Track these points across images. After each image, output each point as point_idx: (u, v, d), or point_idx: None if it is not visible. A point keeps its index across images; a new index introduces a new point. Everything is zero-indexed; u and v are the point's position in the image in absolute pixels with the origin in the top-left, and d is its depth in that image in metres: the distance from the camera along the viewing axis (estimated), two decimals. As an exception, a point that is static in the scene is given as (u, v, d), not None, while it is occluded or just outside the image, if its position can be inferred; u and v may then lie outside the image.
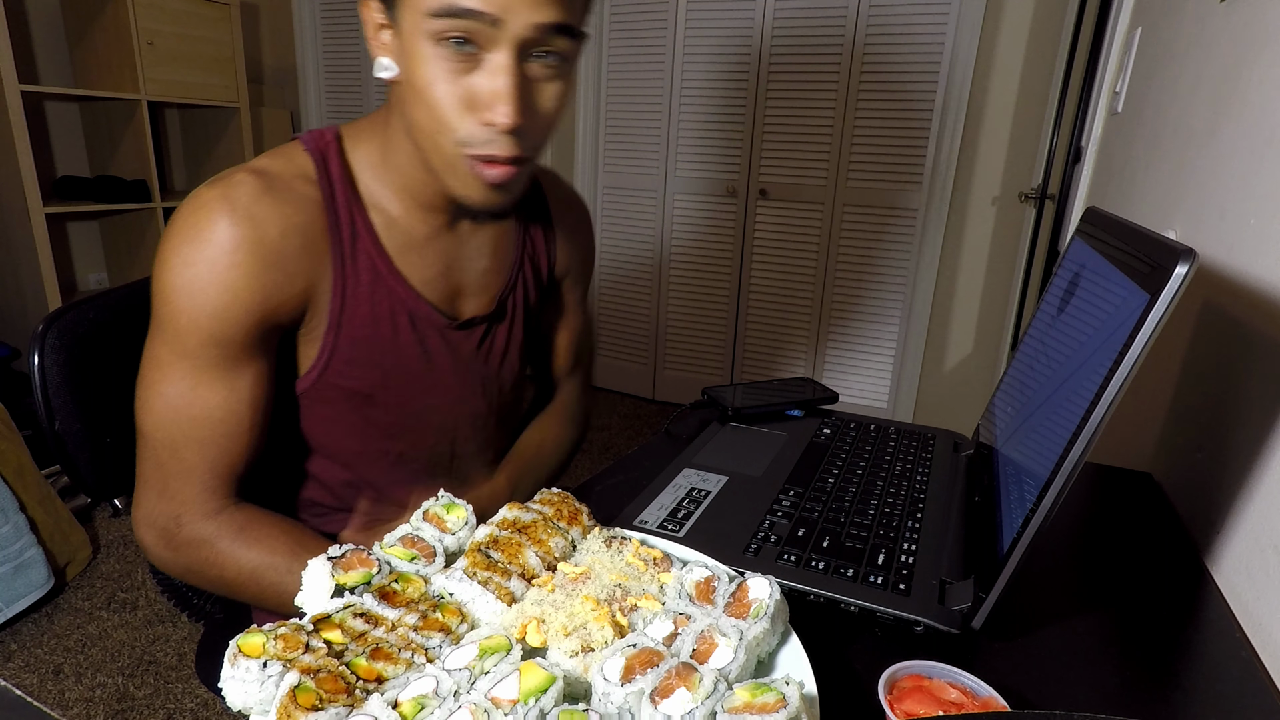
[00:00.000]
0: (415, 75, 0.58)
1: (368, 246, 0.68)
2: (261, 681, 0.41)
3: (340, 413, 0.72)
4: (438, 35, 0.55)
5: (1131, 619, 0.60)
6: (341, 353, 0.68)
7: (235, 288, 0.60)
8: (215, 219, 0.60)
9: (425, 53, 0.57)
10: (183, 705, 1.46)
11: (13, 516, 1.63)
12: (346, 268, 0.67)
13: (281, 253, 0.62)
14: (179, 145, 3.20)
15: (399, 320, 0.70)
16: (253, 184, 0.61)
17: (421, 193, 0.69)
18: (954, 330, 2.70)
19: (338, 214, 0.66)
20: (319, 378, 0.69)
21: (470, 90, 0.58)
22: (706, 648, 0.44)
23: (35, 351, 0.72)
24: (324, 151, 0.67)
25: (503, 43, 0.56)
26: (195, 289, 0.60)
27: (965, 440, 0.89)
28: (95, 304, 0.78)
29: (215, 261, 0.59)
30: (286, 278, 0.63)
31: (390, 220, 0.69)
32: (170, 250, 0.60)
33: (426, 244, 0.71)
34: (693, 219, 2.93)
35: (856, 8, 2.48)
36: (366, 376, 0.70)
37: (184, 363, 0.61)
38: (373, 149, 0.68)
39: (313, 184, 0.65)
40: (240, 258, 0.60)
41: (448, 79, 0.57)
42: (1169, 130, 1.05)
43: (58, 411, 0.73)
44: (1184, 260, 0.43)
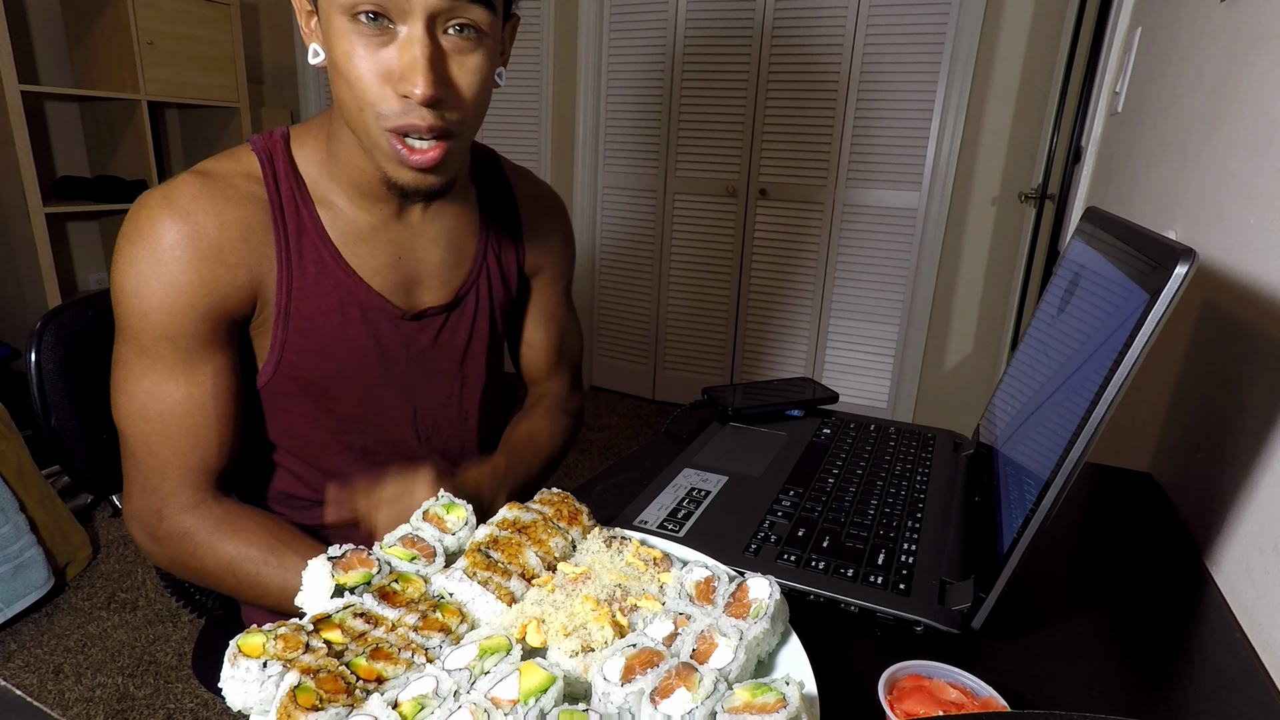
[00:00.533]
0: (335, 53, 0.59)
1: (313, 239, 0.69)
2: (261, 681, 0.41)
3: (300, 406, 0.74)
4: (350, 10, 0.57)
5: (1131, 619, 0.60)
6: (292, 344, 0.70)
7: (177, 281, 0.63)
8: (156, 219, 0.63)
9: (341, 29, 0.58)
10: (183, 705, 1.46)
11: (13, 516, 1.63)
12: (292, 260, 0.69)
13: (219, 246, 0.64)
14: (179, 145, 3.20)
15: (349, 312, 0.71)
16: (194, 184, 0.64)
17: (365, 183, 0.70)
18: (954, 330, 2.70)
19: (283, 208, 0.68)
20: (275, 371, 0.71)
21: (385, 63, 0.58)
22: (706, 648, 0.44)
23: (32, 348, 0.73)
24: (270, 150, 0.69)
25: (413, 14, 0.57)
26: (141, 286, 0.62)
27: (965, 440, 0.89)
28: (94, 303, 0.79)
29: (157, 258, 0.62)
30: (228, 270, 0.65)
31: (337, 213, 0.71)
32: (119, 253, 0.63)
33: (374, 235, 0.72)
34: (693, 219, 2.93)
35: (856, 8, 2.48)
36: (319, 368, 0.72)
37: (143, 360, 0.64)
38: (318, 145, 0.70)
39: (257, 181, 0.68)
40: (179, 253, 0.62)
41: (364, 53, 0.58)
42: (1169, 130, 1.05)
43: (54, 407, 0.74)
44: (1184, 260, 0.43)
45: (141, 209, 0.63)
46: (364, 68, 0.58)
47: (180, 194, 0.63)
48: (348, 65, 0.59)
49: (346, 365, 0.73)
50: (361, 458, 0.78)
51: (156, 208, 0.63)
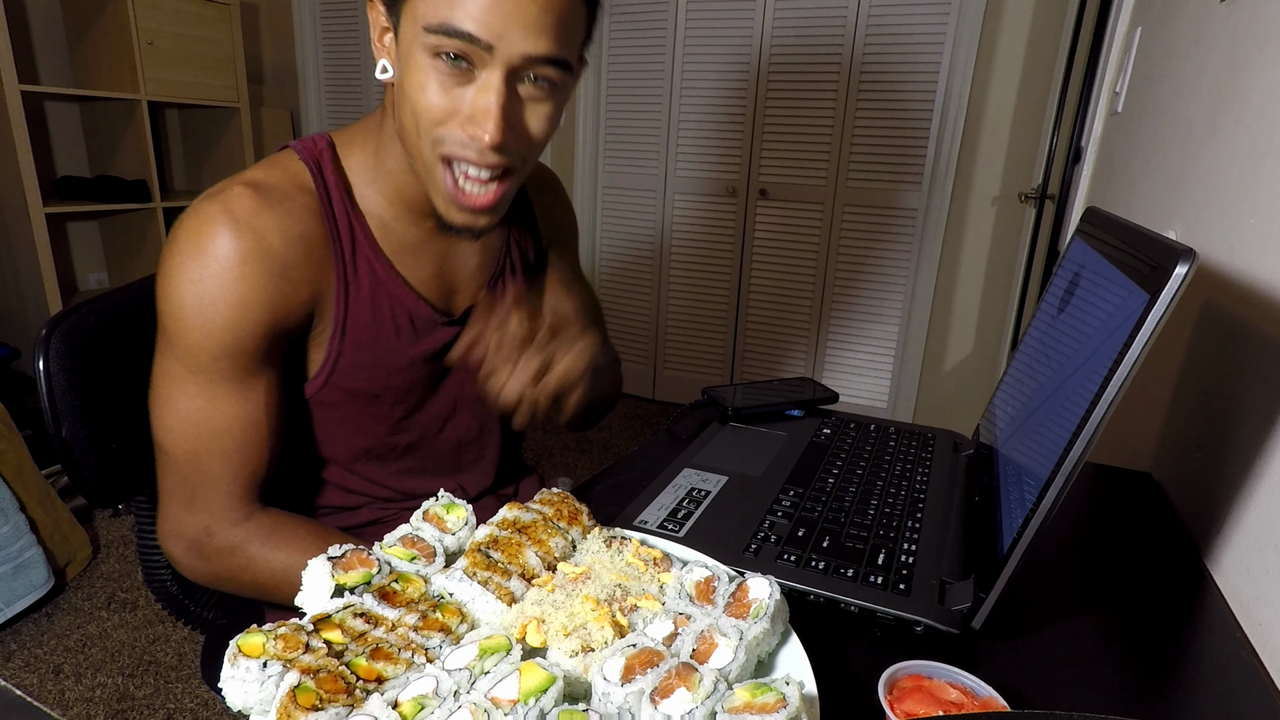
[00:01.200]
0: (408, 81, 0.60)
1: (366, 251, 0.69)
2: (261, 681, 0.41)
3: (348, 414, 0.73)
4: (433, 50, 0.57)
5: (1131, 619, 0.60)
6: (347, 356, 0.69)
7: (245, 300, 0.61)
8: (218, 233, 0.60)
9: (421, 62, 0.58)
10: (183, 705, 1.46)
11: (13, 516, 1.63)
12: (348, 273, 0.68)
13: (286, 262, 0.63)
14: (179, 145, 3.20)
15: (400, 322, 0.71)
16: (251, 196, 0.62)
17: (413, 198, 0.70)
18: (954, 330, 2.70)
19: (336, 221, 0.67)
20: (326, 381, 0.70)
21: (459, 102, 0.59)
22: (706, 648, 0.44)
23: (40, 357, 0.71)
24: (318, 159, 0.68)
25: (494, 65, 0.57)
26: (205, 304, 0.60)
27: (965, 440, 0.89)
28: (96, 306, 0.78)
29: (222, 275, 0.60)
30: (293, 286, 0.64)
31: (384, 225, 0.71)
32: (175, 266, 0.61)
33: (420, 248, 0.73)
34: (693, 219, 2.93)
35: (857, 8, 2.48)
36: (372, 377, 0.71)
37: (198, 377, 0.62)
38: (366, 155, 0.70)
39: (309, 193, 0.66)
40: (247, 270, 0.61)
41: (439, 89, 0.59)
42: (1169, 130, 1.05)
43: (64, 417, 0.73)
44: (1184, 260, 0.43)
45: (202, 222, 0.61)
46: (436, 101, 0.59)
47: (241, 207, 0.61)
48: (419, 96, 0.59)
49: (396, 373, 0.73)
50: (403, 456, 0.79)
51: (218, 222, 0.60)
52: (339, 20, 3.26)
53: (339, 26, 3.27)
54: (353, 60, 3.28)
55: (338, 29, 3.27)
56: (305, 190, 0.66)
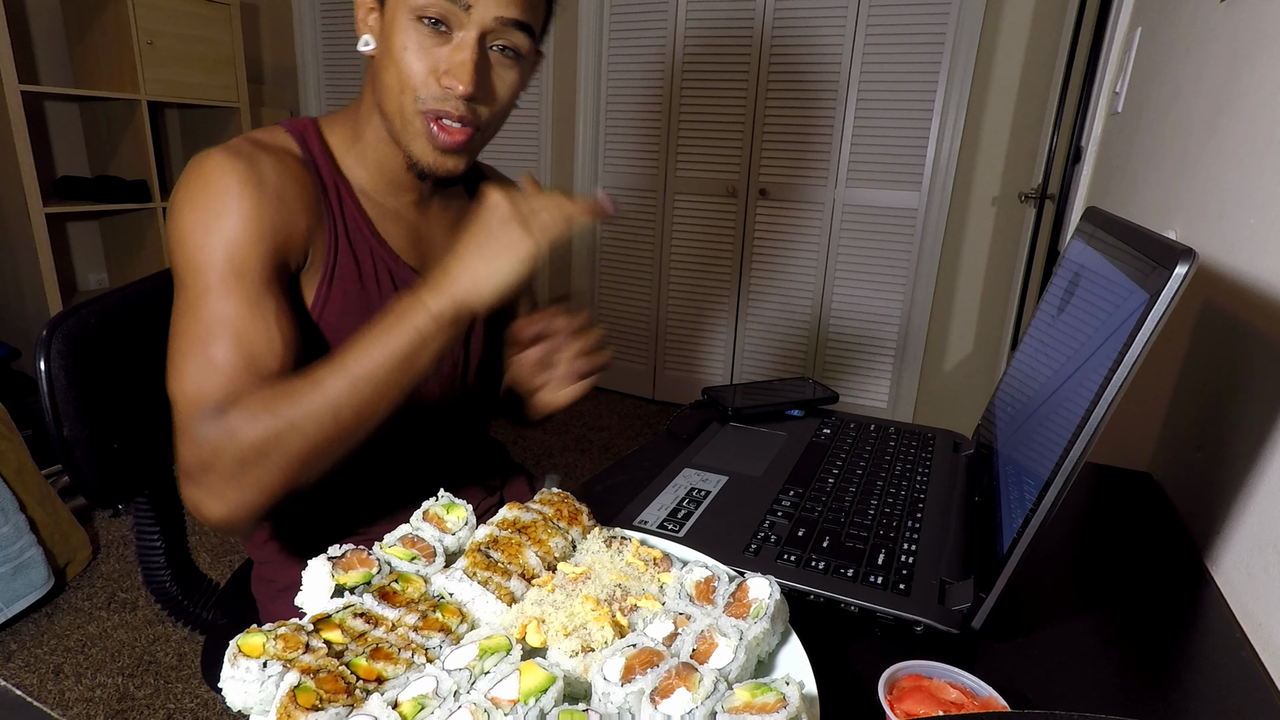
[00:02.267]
0: (393, 44, 0.68)
1: (352, 209, 0.75)
2: (261, 681, 0.41)
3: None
4: (417, 11, 0.66)
5: (1131, 619, 0.60)
6: (334, 303, 0.73)
7: (247, 217, 0.65)
8: (218, 164, 0.66)
9: (404, 25, 0.67)
10: (183, 705, 1.46)
11: (13, 516, 1.63)
12: (337, 224, 0.73)
13: (282, 193, 0.68)
14: (179, 145, 3.20)
15: (381, 279, 0.76)
16: (248, 143, 0.69)
17: (390, 170, 0.76)
18: (954, 330, 2.70)
19: (323, 180, 0.73)
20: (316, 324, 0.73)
21: (436, 60, 0.68)
22: (706, 648, 0.44)
23: (41, 358, 0.71)
24: (303, 133, 0.74)
25: (470, 26, 0.67)
26: (210, 225, 0.64)
27: (965, 440, 0.89)
28: (96, 307, 0.78)
29: (224, 195, 0.65)
30: (290, 214, 0.68)
31: (365, 194, 0.77)
32: (181, 202, 0.65)
33: (398, 217, 0.79)
34: (693, 219, 2.93)
35: (857, 8, 2.48)
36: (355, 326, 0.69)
37: (210, 295, 0.64)
38: (346, 131, 0.76)
39: (297, 157, 0.72)
40: (248, 192, 0.65)
41: (420, 49, 0.67)
42: (1169, 130, 1.05)
43: (65, 418, 0.73)
44: (1184, 260, 0.43)
45: (203, 162, 0.66)
46: (417, 60, 0.67)
47: (239, 149, 0.67)
48: (403, 55, 0.67)
49: None
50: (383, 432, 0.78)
51: (218, 158, 0.66)
52: (339, 20, 3.26)
53: (339, 26, 3.27)
54: (353, 60, 3.28)
55: (338, 29, 3.27)
56: (292, 153, 0.72)
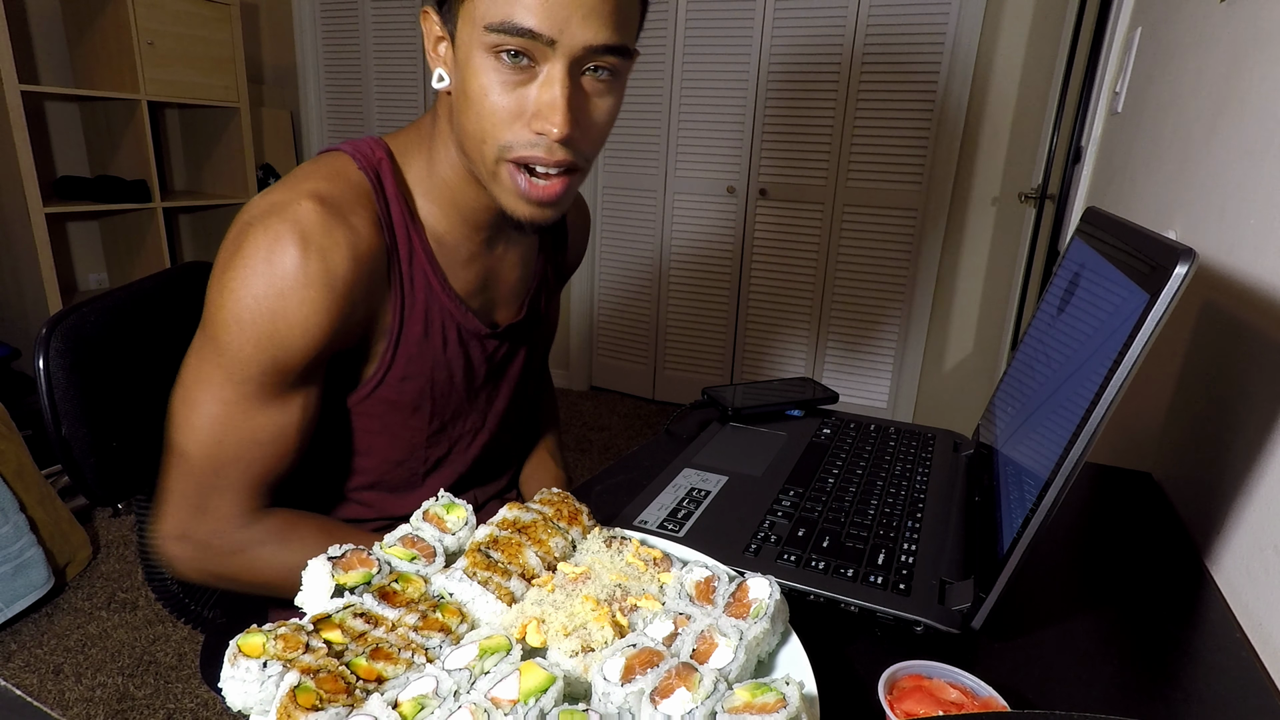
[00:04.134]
0: (469, 85, 0.59)
1: (423, 263, 0.69)
2: (261, 681, 0.41)
3: (387, 424, 0.73)
4: (493, 47, 0.57)
5: (1131, 619, 0.60)
6: (397, 369, 0.70)
7: (306, 323, 0.60)
8: (287, 251, 0.59)
9: (480, 64, 0.58)
10: (183, 705, 1.46)
11: (13, 516, 1.63)
12: (404, 285, 0.68)
13: (350, 285, 0.62)
14: (179, 145, 3.20)
15: (449, 334, 0.72)
16: (320, 214, 0.61)
17: (468, 208, 0.69)
18: (954, 330, 2.70)
19: (394, 233, 0.66)
20: (371, 393, 0.70)
21: (523, 101, 0.59)
22: (706, 648, 0.44)
23: (40, 356, 0.71)
24: (377, 169, 0.67)
25: (556, 58, 0.57)
26: (262, 320, 0.59)
27: (965, 440, 0.89)
28: (96, 306, 0.78)
29: (288, 296, 0.59)
30: (352, 308, 0.63)
31: (438, 237, 0.70)
32: (240, 280, 0.59)
33: (470, 260, 0.73)
34: (693, 219, 2.93)
35: (857, 7, 2.48)
36: (417, 389, 0.72)
37: (239, 388, 0.61)
38: (420, 164, 0.69)
39: (370, 205, 0.65)
40: (312, 294, 0.59)
41: (501, 89, 0.58)
42: (1169, 130, 1.05)
43: (64, 416, 0.73)
44: (1184, 260, 0.43)
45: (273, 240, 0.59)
46: (500, 103, 0.59)
47: (311, 225, 0.60)
48: (483, 99, 0.59)
49: (440, 385, 0.73)
50: (433, 469, 0.79)
51: (288, 240, 0.59)
52: (339, 20, 3.26)
53: (339, 26, 3.27)
54: (353, 60, 3.28)
55: (338, 29, 3.27)
56: (364, 201, 0.65)
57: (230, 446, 0.62)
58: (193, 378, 0.63)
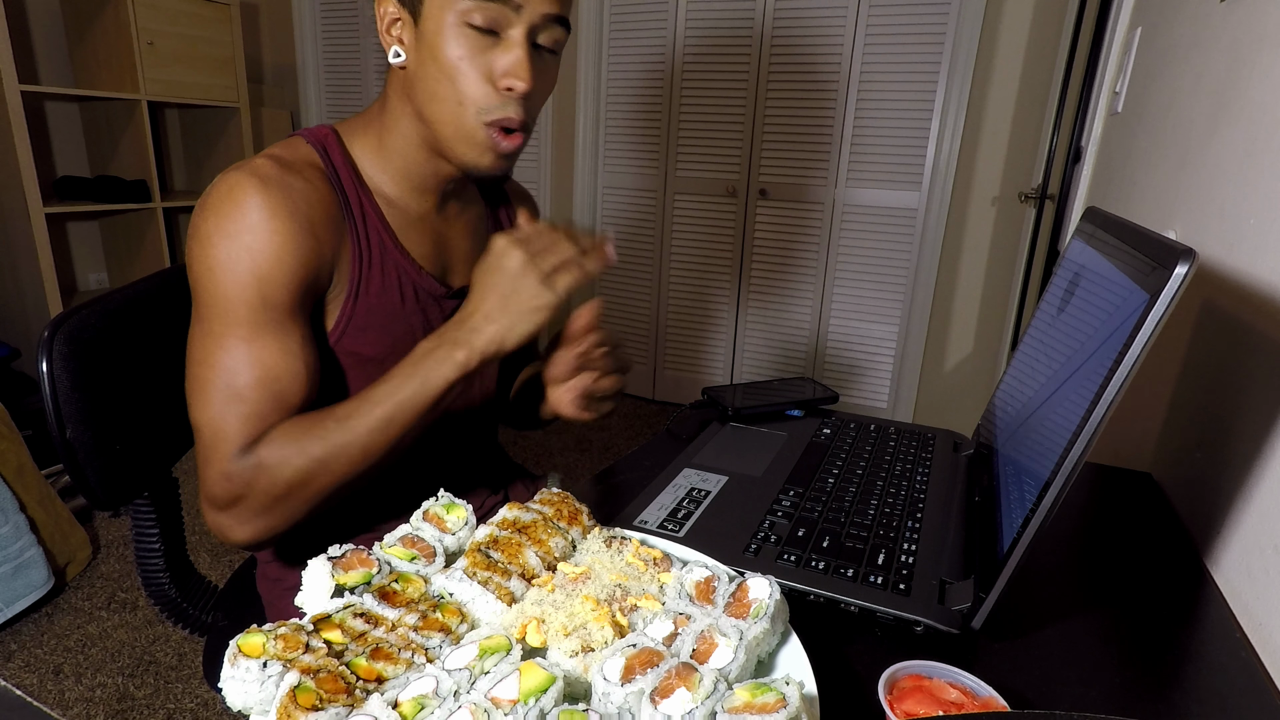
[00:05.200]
0: (442, 54, 0.67)
1: (375, 222, 0.74)
2: (261, 681, 0.41)
3: (354, 380, 0.76)
4: (465, 18, 0.65)
5: (1131, 619, 0.60)
6: (358, 319, 0.73)
7: (279, 251, 0.64)
8: (250, 192, 0.64)
9: (452, 34, 0.66)
10: (183, 705, 1.46)
11: (13, 516, 1.63)
12: (360, 240, 0.73)
13: (311, 219, 0.67)
14: (179, 145, 3.20)
15: (405, 291, 0.76)
16: (274, 164, 0.67)
17: (418, 174, 0.76)
18: (954, 330, 2.70)
19: (345, 194, 0.72)
20: (336, 342, 0.73)
21: (490, 64, 0.67)
22: (706, 648, 0.44)
23: (43, 359, 0.71)
24: (324, 143, 0.73)
25: (518, 25, 0.66)
26: (241, 257, 0.63)
27: (965, 440, 0.89)
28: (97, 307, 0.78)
29: (257, 228, 0.64)
30: (318, 242, 0.68)
31: (389, 201, 0.76)
32: (210, 229, 0.64)
33: (421, 222, 0.78)
34: (693, 219, 2.93)
35: (856, 8, 2.48)
36: (378, 342, 0.75)
37: (239, 330, 0.64)
38: (369, 138, 0.75)
39: (319, 170, 0.71)
40: (278, 224, 0.64)
41: (472, 56, 0.66)
42: (1169, 130, 1.05)
43: (68, 419, 0.72)
44: (1184, 260, 0.43)
45: (232, 187, 0.64)
46: (471, 68, 0.67)
47: (266, 171, 0.66)
48: (458, 65, 0.66)
49: (400, 341, 0.76)
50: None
51: (248, 184, 0.64)
52: (339, 20, 3.26)
53: (339, 26, 3.27)
54: (353, 60, 3.28)
55: (338, 29, 3.27)
56: (314, 167, 0.71)
57: (240, 387, 0.64)
58: (197, 346, 0.65)
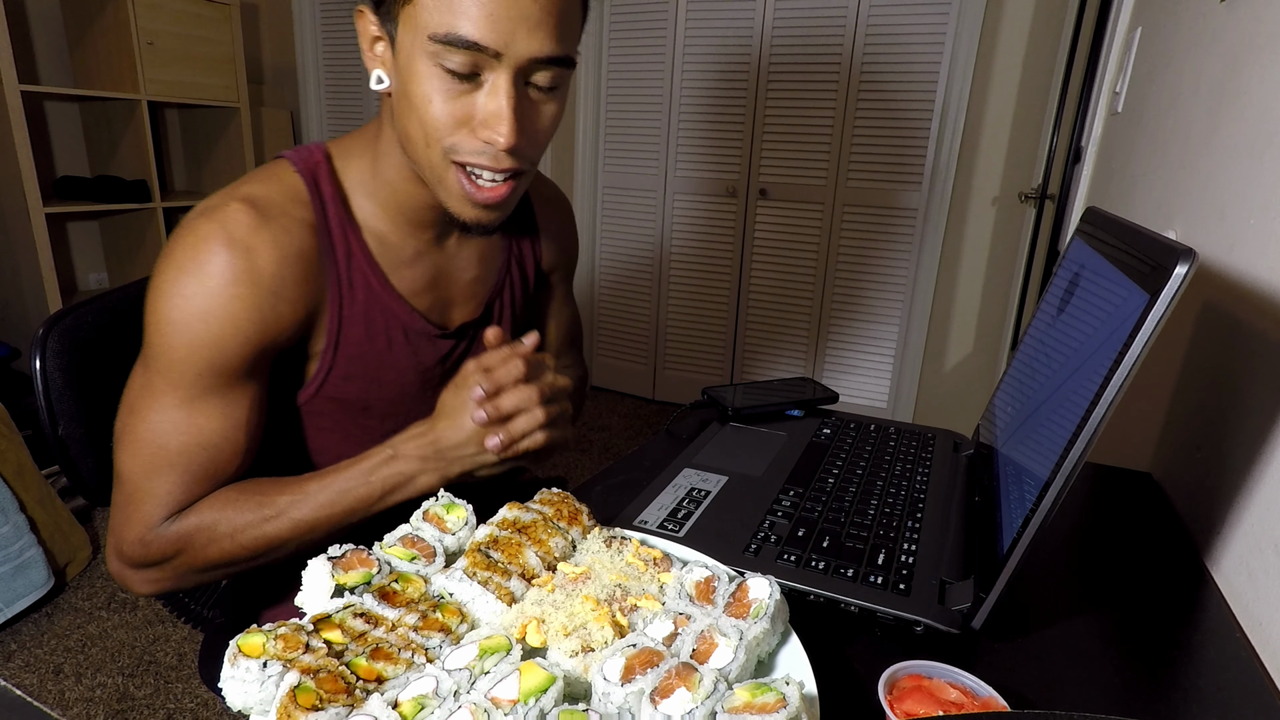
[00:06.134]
0: (412, 91, 0.59)
1: (361, 265, 0.69)
2: (261, 681, 0.41)
3: (338, 423, 0.73)
4: (437, 60, 0.57)
5: (1131, 619, 0.60)
6: (339, 369, 0.69)
7: (235, 319, 0.60)
8: (213, 250, 0.59)
9: (425, 71, 0.58)
10: (183, 705, 1.46)
11: (13, 516, 1.63)
12: (343, 287, 0.68)
13: (279, 281, 0.62)
14: (179, 145, 3.20)
15: (393, 335, 0.71)
16: (247, 214, 0.61)
17: (411, 207, 0.69)
18: (954, 330, 2.70)
19: (331, 235, 0.67)
20: (316, 392, 0.70)
21: (468, 108, 0.59)
22: (706, 648, 0.44)
23: (37, 356, 0.71)
24: (314, 172, 0.67)
25: (502, 69, 0.57)
26: (193, 321, 0.59)
27: (965, 440, 0.89)
28: (93, 306, 0.78)
29: (214, 293, 0.59)
30: (285, 306, 0.63)
31: (380, 237, 0.70)
32: (167, 282, 0.60)
33: (416, 259, 0.72)
34: (693, 219, 2.93)
35: (857, 8, 2.48)
36: (363, 390, 0.71)
37: (179, 392, 0.61)
38: (363, 165, 0.69)
39: (305, 206, 0.65)
40: (239, 290, 0.60)
41: (445, 97, 0.58)
42: (1169, 130, 1.05)
43: (61, 416, 0.73)
44: (1184, 260, 0.43)
45: (197, 240, 0.60)
46: (444, 112, 0.59)
47: (236, 225, 0.60)
48: (426, 108, 0.59)
49: (388, 385, 0.73)
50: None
51: (214, 240, 0.59)
52: (339, 20, 3.26)
53: (339, 26, 3.27)
54: (353, 60, 3.28)
55: (338, 29, 3.27)
56: (301, 204, 0.65)
57: (172, 452, 0.61)
58: (136, 394, 0.62)
